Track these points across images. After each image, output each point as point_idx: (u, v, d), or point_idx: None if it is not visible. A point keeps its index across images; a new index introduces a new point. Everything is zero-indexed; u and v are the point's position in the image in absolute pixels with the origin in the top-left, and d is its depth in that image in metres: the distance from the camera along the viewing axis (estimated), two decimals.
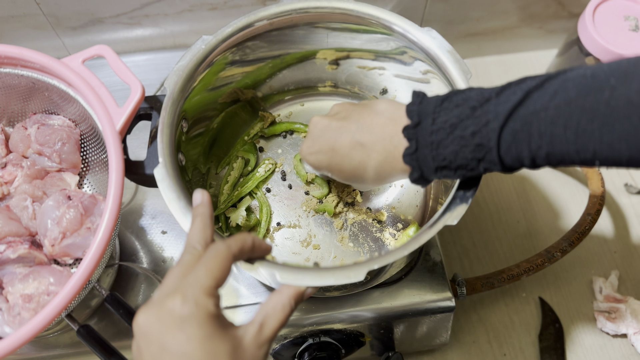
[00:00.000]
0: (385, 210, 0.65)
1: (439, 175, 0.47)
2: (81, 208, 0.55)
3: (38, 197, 0.59)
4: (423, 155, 0.46)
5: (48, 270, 0.53)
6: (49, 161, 0.61)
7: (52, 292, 0.52)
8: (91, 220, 0.55)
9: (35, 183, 0.60)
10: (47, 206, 0.55)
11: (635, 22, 0.71)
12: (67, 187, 0.60)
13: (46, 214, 0.55)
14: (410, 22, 0.60)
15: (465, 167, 0.45)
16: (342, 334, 0.61)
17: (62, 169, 0.62)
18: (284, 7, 0.61)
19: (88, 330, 0.52)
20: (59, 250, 0.55)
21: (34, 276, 0.53)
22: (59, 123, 0.61)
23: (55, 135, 0.60)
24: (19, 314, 0.51)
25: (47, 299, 0.51)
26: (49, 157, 0.61)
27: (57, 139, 0.60)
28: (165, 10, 0.76)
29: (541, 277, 0.75)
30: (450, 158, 0.45)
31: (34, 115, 0.62)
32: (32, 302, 0.51)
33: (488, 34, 0.87)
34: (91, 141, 0.62)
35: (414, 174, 0.48)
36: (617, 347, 0.71)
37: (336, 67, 0.69)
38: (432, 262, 0.62)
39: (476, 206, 0.80)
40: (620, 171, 0.82)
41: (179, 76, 0.57)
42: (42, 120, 0.62)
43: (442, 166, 0.46)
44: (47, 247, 0.55)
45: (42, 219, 0.55)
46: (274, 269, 0.48)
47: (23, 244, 0.54)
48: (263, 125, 0.70)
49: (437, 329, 0.64)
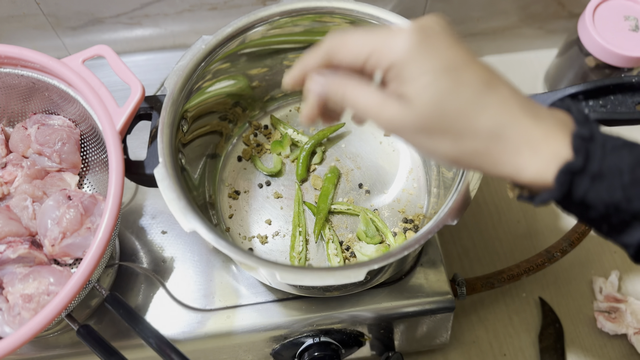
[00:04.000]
0: (386, 210, 0.65)
1: (599, 215, 0.38)
2: (81, 208, 0.55)
3: (38, 197, 0.59)
4: (595, 179, 0.37)
5: (48, 270, 0.53)
6: (49, 161, 0.61)
7: (52, 292, 0.52)
8: (91, 220, 0.55)
9: (35, 183, 0.60)
10: (47, 206, 0.55)
11: (635, 22, 0.71)
12: (67, 187, 0.60)
13: (46, 214, 0.55)
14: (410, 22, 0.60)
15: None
16: (342, 334, 0.61)
17: (62, 169, 0.62)
18: (284, 7, 0.61)
19: (88, 330, 0.52)
20: (59, 250, 0.55)
21: (34, 276, 0.53)
22: (59, 123, 0.61)
23: (56, 135, 0.60)
24: (19, 314, 0.51)
25: (47, 299, 0.51)
26: (49, 157, 0.61)
27: (57, 139, 0.60)
28: (165, 10, 0.76)
29: (541, 277, 0.75)
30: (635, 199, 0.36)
31: (34, 115, 0.62)
32: (32, 302, 0.51)
33: (488, 34, 0.87)
34: (91, 141, 0.62)
35: (556, 193, 0.37)
36: (617, 347, 0.71)
37: None
38: (432, 262, 0.62)
39: (476, 206, 0.80)
40: None
41: (179, 76, 0.57)
42: (42, 120, 0.61)
43: (614, 204, 0.36)
44: (47, 247, 0.55)
45: (42, 219, 0.55)
46: (274, 269, 0.48)
47: (23, 244, 0.54)
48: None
49: (437, 329, 0.64)
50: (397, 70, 0.38)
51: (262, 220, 0.65)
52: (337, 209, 0.65)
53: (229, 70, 0.64)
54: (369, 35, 0.39)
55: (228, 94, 0.67)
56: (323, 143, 0.70)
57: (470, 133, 0.38)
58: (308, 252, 0.63)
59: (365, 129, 0.71)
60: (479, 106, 0.37)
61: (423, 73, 0.37)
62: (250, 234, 0.64)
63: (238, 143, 0.70)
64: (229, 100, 0.68)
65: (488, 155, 0.38)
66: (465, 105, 0.37)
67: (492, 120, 0.37)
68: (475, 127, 0.38)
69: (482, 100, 0.38)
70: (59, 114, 0.63)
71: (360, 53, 0.39)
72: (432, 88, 0.37)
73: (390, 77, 0.39)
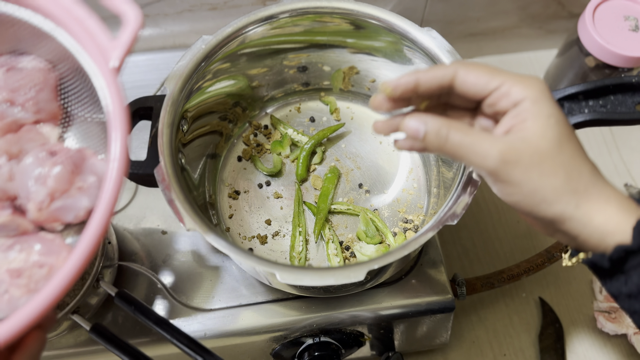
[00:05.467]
0: (386, 210, 0.65)
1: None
2: (69, 165, 0.47)
3: (14, 154, 0.49)
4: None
5: (36, 239, 0.46)
6: (23, 111, 0.51)
7: (45, 264, 0.44)
8: (82, 178, 0.47)
9: (8, 138, 0.50)
10: (27, 164, 0.47)
11: (635, 22, 0.71)
12: (46, 141, 0.51)
13: (27, 173, 0.47)
14: (410, 22, 0.60)
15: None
16: (342, 334, 0.61)
17: (39, 120, 0.51)
18: (284, 7, 0.61)
19: (101, 328, 0.51)
20: (48, 214, 0.47)
21: (20, 247, 0.45)
22: (31, 65, 0.51)
23: (28, 80, 0.50)
24: (6, 291, 0.44)
25: (40, 272, 0.44)
26: (22, 105, 0.50)
27: (31, 84, 0.50)
28: (165, 10, 0.76)
29: (541, 277, 0.75)
30: None
31: (0, 57, 0.51)
32: (22, 277, 0.44)
33: (488, 34, 0.87)
34: (73, 86, 0.51)
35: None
36: (617, 347, 0.71)
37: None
38: (432, 262, 0.62)
39: (476, 206, 0.80)
40: (620, 171, 0.82)
41: (179, 76, 0.57)
42: (9, 62, 0.51)
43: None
44: (33, 212, 0.47)
45: (22, 180, 0.47)
46: (274, 269, 0.48)
47: (4, 210, 0.47)
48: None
49: (437, 329, 0.64)
50: (526, 105, 0.42)
51: (262, 220, 0.65)
52: (337, 209, 0.65)
53: (229, 70, 0.64)
54: (500, 71, 0.44)
55: (228, 94, 0.67)
56: (323, 143, 0.70)
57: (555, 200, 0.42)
58: (308, 252, 0.63)
59: (365, 129, 0.71)
60: (568, 189, 0.41)
61: (550, 115, 0.42)
62: (250, 234, 0.64)
63: (238, 143, 0.70)
64: (229, 100, 0.68)
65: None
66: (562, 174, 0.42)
67: (571, 207, 0.42)
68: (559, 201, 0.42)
69: (572, 183, 0.41)
70: (30, 53, 0.51)
71: (491, 82, 0.43)
72: (556, 129, 0.42)
73: (512, 112, 0.43)
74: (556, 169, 0.41)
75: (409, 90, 0.45)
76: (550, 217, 0.42)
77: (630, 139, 0.84)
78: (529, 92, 0.42)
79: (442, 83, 0.44)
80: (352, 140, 0.70)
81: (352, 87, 0.71)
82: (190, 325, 0.59)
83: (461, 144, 0.42)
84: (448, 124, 0.43)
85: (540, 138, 0.41)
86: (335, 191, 0.66)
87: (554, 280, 0.75)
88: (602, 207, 0.41)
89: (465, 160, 0.43)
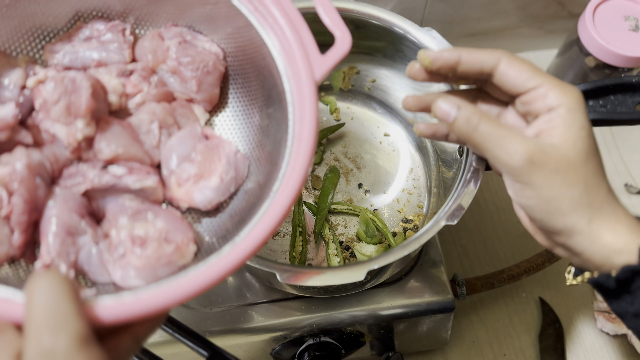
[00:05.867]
0: (386, 210, 0.65)
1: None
2: (218, 153, 0.45)
3: (168, 124, 0.47)
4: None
5: (167, 214, 0.43)
6: (182, 86, 0.48)
7: (172, 240, 0.41)
8: (225, 170, 0.45)
9: (165, 106, 0.47)
10: (180, 138, 0.45)
11: (635, 22, 0.71)
12: (197, 122, 0.49)
13: (178, 147, 0.45)
14: (410, 22, 0.60)
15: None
16: (342, 334, 0.61)
17: (193, 100, 0.49)
18: None
19: None
20: (184, 194, 0.44)
21: (151, 215, 0.42)
22: (207, 46, 0.49)
23: (199, 59, 0.47)
24: (123, 255, 0.41)
25: (168, 248, 0.41)
26: (185, 80, 0.48)
27: (201, 64, 0.47)
28: None
29: (541, 277, 0.75)
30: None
31: (174, 27, 0.49)
32: (147, 248, 0.40)
33: (488, 34, 0.87)
34: (243, 80, 0.49)
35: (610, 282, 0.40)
36: (617, 347, 0.71)
37: None
38: (432, 262, 0.62)
39: (476, 206, 0.80)
40: (621, 171, 0.82)
41: None
42: (185, 35, 0.48)
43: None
44: (172, 187, 0.45)
45: (170, 152, 0.45)
46: (274, 269, 0.48)
47: (151, 175, 0.43)
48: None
49: (437, 329, 0.64)
50: (561, 112, 0.42)
51: None
52: (337, 208, 0.65)
53: None
54: (541, 72, 0.43)
55: None
56: (323, 143, 0.70)
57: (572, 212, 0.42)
58: (308, 252, 0.63)
59: (365, 129, 0.71)
60: (585, 202, 0.41)
61: (583, 127, 0.42)
62: None
63: None
64: None
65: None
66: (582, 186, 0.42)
67: (585, 221, 0.42)
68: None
69: (589, 197, 0.42)
70: (206, 35, 0.49)
71: (530, 80, 0.43)
72: (586, 142, 0.42)
73: (545, 117, 0.42)
74: (578, 180, 0.41)
75: (447, 67, 0.44)
76: (561, 228, 0.42)
77: (630, 139, 0.84)
78: (565, 100, 0.42)
79: (483, 68, 0.44)
80: (352, 140, 0.70)
81: (352, 87, 0.71)
82: (190, 325, 0.59)
83: (490, 136, 0.42)
84: (480, 113, 0.42)
85: (570, 147, 0.41)
86: (335, 191, 0.66)
87: (554, 280, 0.75)
88: (612, 225, 0.41)
89: (489, 153, 0.42)
